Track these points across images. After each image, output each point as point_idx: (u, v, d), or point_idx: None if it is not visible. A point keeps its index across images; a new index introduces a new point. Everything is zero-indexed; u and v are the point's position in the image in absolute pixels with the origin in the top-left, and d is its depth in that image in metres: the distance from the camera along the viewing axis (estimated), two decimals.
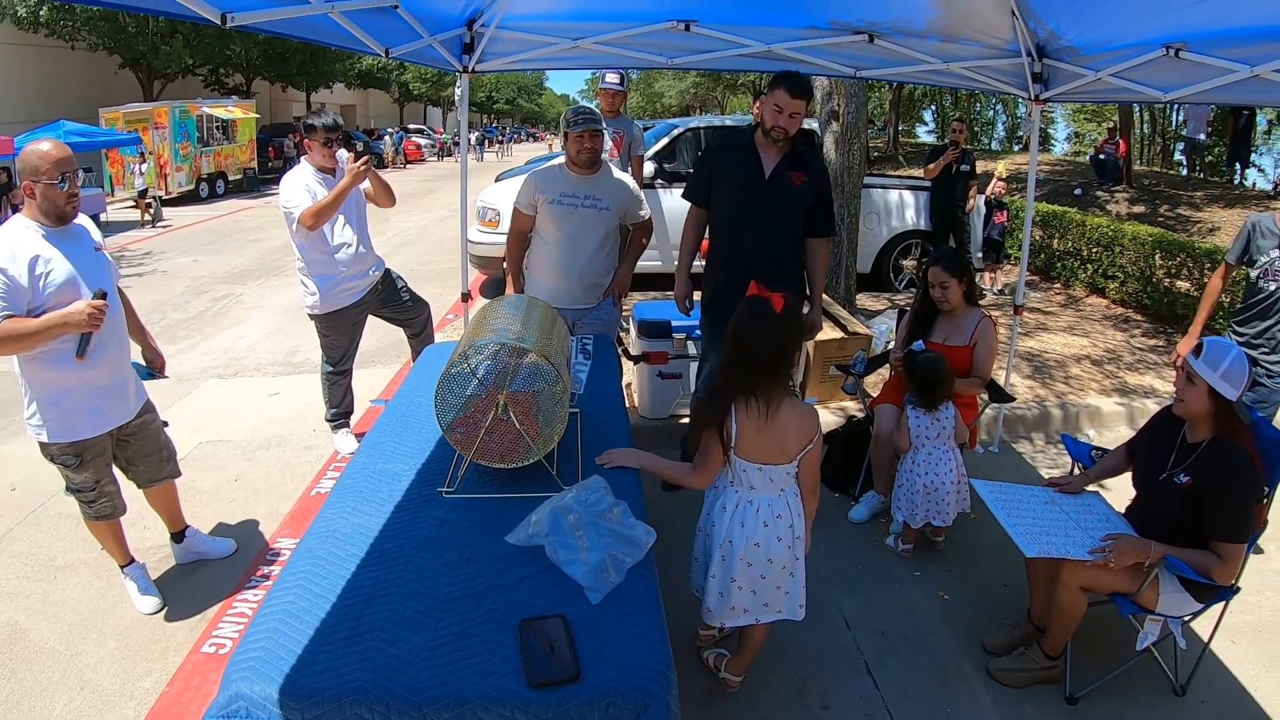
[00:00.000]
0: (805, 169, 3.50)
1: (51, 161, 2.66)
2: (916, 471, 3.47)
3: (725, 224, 3.62)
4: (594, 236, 3.89)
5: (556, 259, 3.91)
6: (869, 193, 8.01)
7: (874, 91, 25.01)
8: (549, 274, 3.95)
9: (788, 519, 2.41)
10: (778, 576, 2.44)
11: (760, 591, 2.44)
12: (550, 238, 3.91)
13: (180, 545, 3.54)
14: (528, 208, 3.91)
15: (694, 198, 3.74)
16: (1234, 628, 3.16)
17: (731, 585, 2.42)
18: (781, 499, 2.41)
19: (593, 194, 3.83)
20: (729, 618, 2.48)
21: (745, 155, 3.51)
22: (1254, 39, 2.96)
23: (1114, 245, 8.29)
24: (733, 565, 2.41)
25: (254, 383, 5.94)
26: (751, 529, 2.38)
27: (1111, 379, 5.95)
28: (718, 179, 3.59)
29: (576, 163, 3.81)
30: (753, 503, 2.38)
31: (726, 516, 2.41)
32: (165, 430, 3.35)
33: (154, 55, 21.82)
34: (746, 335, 2.31)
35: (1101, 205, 12.38)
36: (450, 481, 2.37)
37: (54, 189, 2.67)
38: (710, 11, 3.98)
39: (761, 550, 2.39)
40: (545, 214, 3.86)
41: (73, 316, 2.67)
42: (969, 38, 4.06)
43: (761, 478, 2.36)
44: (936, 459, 3.45)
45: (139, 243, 12.86)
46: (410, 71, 41.48)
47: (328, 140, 4.06)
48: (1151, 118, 25.79)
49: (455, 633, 1.73)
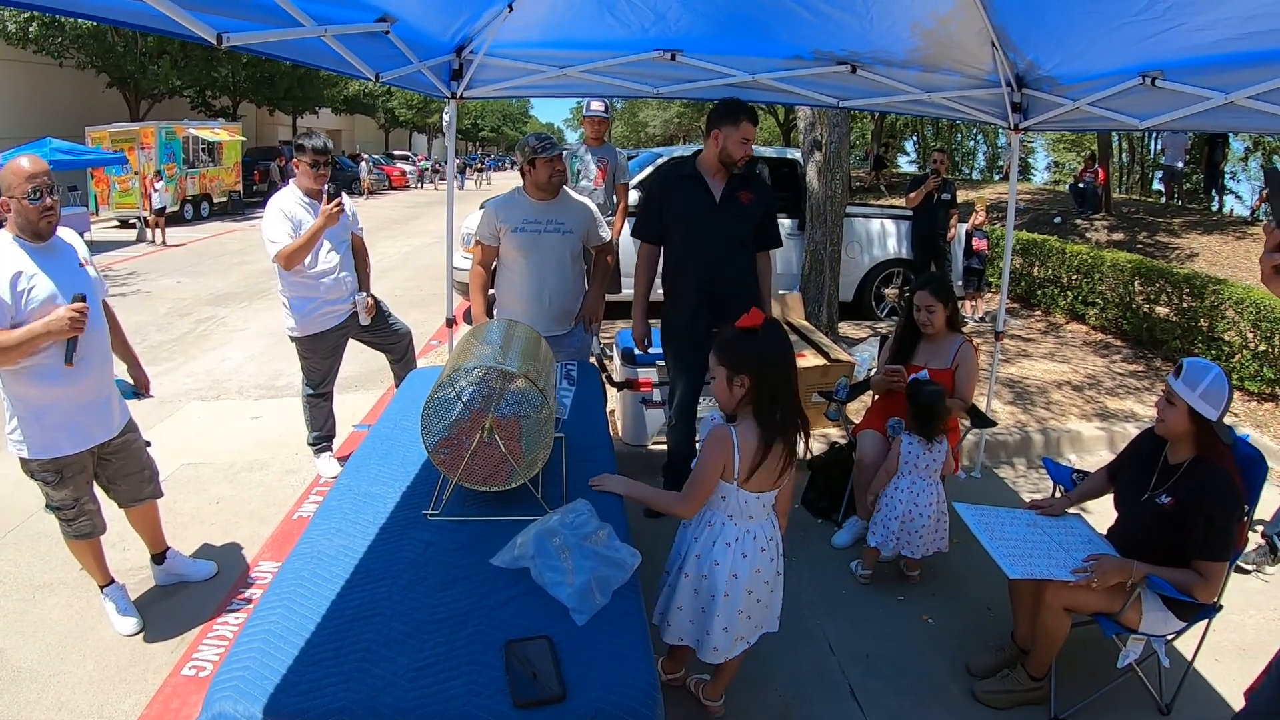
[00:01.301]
0: (751, 188, 3.61)
1: (24, 176, 2.66)
2: (898, 498, 3.47)
3: (683, 252, 3.68)
4: (560, 261, 3.90)
5: (524, 287, 3.90)
6: (851, 222, 8.10)
7: (856, 122, 25.34)
8: (518, 303, 3.93)
9: (775, 539, 2.44)
10: (767, 596, 2.45)
11: (754, 615, 2.44)
12: (516, 266, 3.90)
13: (161, 567, 3.50)
14: (490, 239, 3.89)
15: (644, 235, 3.79)
16: (1218, 646, 3.18)
17: (737, 617, 2.39)
18: (770, 522, 2.43)
19: (554, 218, 3.85)
20: (733, 650, 2.44)
21: (693, 183, 3.60)
22: (1227, 67, 3.05)
23: (1094, 272, 8.42)
24: (738, 598, 2.37)
25: (236, 405, 5.90)
26: (753, 558, 2.37)
27: (1092, 404, 6.01)
28: (668, 211, 3.67)
29: (546, 188, 3.82)
30: (750, 532, 2.37)
31: (730, 551, 2.36)
32: (148, 451, 3.33)
33: (141, 75, 21.83)
34: (783, 361, 2.31)
35: (1081, 233, 12.57)
36: (435, 504, 2.37)
37: (26, 204, 2.67)
38: (696, 42, 4.05)
39: (760, 575, 2.39)
40: (509, 243, 3.84)
41: (53, 324, 2.66)
42: (950, 68, 4.14)
43: (759, 505, 2.36)
44: (919, 490, 3.45)
45: (123, 263, 12.79)
46: (396, 98, 41.62)
47: (315, 163, 4.07)
48: (1130, 146, 26.28)
49: (441, 654, 1.73)
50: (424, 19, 3.53)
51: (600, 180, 5.96)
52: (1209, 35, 2.93)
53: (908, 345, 3.83)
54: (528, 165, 3.78)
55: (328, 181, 4.17)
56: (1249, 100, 3.04)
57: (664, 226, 3.71)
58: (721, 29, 3.92)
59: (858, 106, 4.65)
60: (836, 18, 3.71)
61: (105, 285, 3.14)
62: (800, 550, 3.88)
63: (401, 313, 4.81)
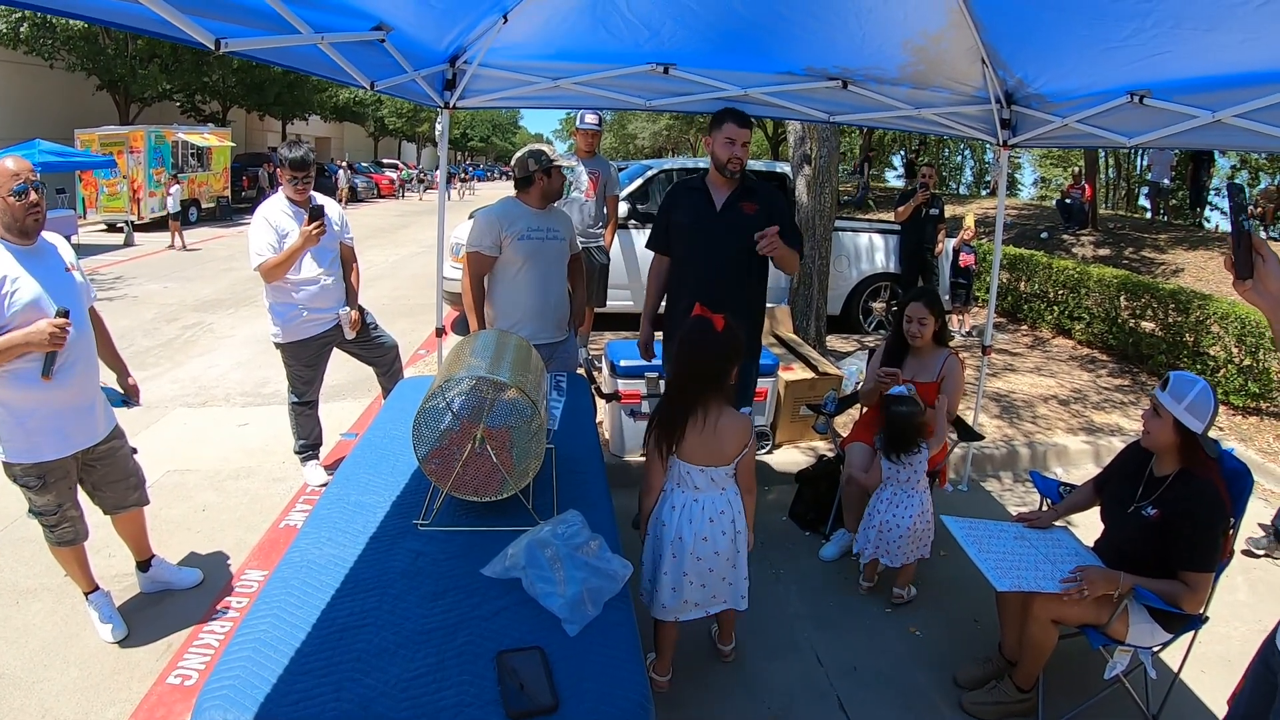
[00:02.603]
0: (755, 198, 3.60)
1: (8, 174, 2.65)
2: (878, 507, 3.50)
3: (683, 261, 3.70)
4: (559, 268, 3.94)
5: (529, 295, 3.86)
6: (839, 236, 8.14)
7: (845, 136, 25.51)
8: (522, 312, 3.88)
9: (729, 514, 2.67)
10: (723, 569, 2.69)
11: (709, 585, 2.69)
12: (520, 274, 3.84)
13: (146, 574, 3.48)
14: (491, 249, 3.78)
15: (656, 246, 3.82)
16: (1204, 658, 3.21)
17: (684, 580, 2.66)
18: (723, 497, 2.67)
19: (552, 226, 3.87)
20: (682, 611, 2.71)
21: (697, 194, 3.63)
22: (1216, 87, 3.09)
23: (1080, 287, 8.48)
24: (684, 560, 2.64)
25: (223, 412, 5.87)
26: (699, 525, 2.63)
27: (1078, 418, 6.06)
28: (673, 224, 3.70)
29: (553, 197, 3.86)
30: (698, 501, 2.64)
31: (675, 515, 2.65)
32: (135, 457, 3.31)
33: (131, 78, 21.71)
34: (693, 353, 2.59)
35: (1067, 248, 12.68)
36: (425, 514, 2.37)
37: (12, 200, 2.66)
38: (688, 56, 4.08)
39: (709, 544, 2.64)
40: (514, 251, 3.79)
41: (34, 336, 2.65)
42: (940, 85, 4.18)
43: (704, 478, 2.62)
44: (900, 500, 3.46)
45: (109, 267, 12.71)
46: (387, 106, 41.53)
47: (294, 179, 4.14)
48: (1116, 162, 26.52)
49: (432, 664, 1.72)
50: (419, 28, 3.54)
51: (591, 192, 5.99)
52: (1196, 63, 2.98)
53: (896, 357, 3.85)
54: (542, 174, 3.76)
55: (311, 190, 4.24)
56: (1236, 118, 3.06)
57: (670, 237, 3.73)
58: (714, 44, 3.95)
59: (849, 122, 4.68)
60: (829, 35, 3.75)
61: (93, 290, 3.13)
62: (788, 563, 3.90)
63: (390, 322, 4.81)
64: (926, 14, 3.50)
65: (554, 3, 3.60)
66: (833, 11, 3.52)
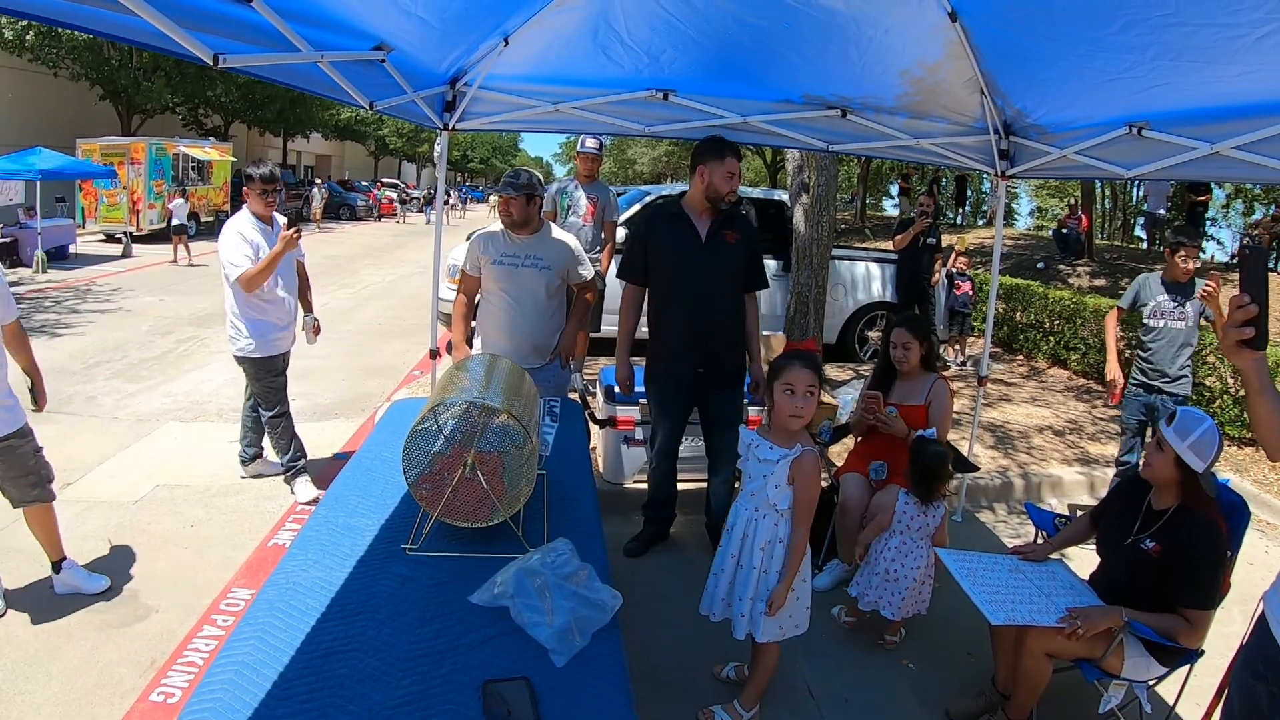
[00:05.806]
0: (736, 227, 3.64)
1: None
2: (884, 554, 3.38)
3: (669, 292, 3.70)
4: (536, 296, 3.90)
5: (500, 318, 3.93)
6: (836, 265, 8.16)
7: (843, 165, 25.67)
8: (496, 334, 3.96)
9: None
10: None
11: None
12: (495, 298, 3.93)
13: (58, 576, 3.53)
14: (473, 269, 3.94)
15: (629, 276, 3.82)
16: (1199, 691, 3.15)
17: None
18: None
19: (533, 253, 3.87)
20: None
21: (678, 223, 3.64)
22: (1214, 118, 3.11)
23: (1076, 317, 8.51)
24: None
25: (215, 428, 5.83)
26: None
27: (1073, 449, 6.05)
28: (653, 252, 3.70)
29: (515, 222, 3.84)
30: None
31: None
32: (41, 455, 3.40)
33: (135, 90, 21.78)
34: None
35: (1064, 278, 12.71)
36: (414, 539, 2.34)
37: None
38: (688, 82, 4.10)
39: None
40: (489, 274, 3.89)
41: None
42: (938, 114, 4.21)
43: None
44: (907, 550, 3.35)
45: (107, 278, 12.69)
46: (388, 126, 41.69)
47: (264, 191, 4.31)
48: (1113, 193, 26.69)
49: (417, 692, 1.69)
50: (419, 49, 3.55)
51: (590, 216, 5.99)
52: (1195, 94, 3.00)
53: (884, 383, 3.85)
54: (503, 199, 3.86)
55: (277, 207, 4.46)
56: (1235, 150, 3.07)
57: (648, 266, 3.73)
58: (714, 71, 3.97)
59: (847, 151, 4.69)
60: (827, 63, 3.76)
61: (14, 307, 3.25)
62: None
63: (384, 342, 4.83)
64: (924, 45, 3.52)
65: (555, 27, 3.61)
66: (831, 40, 3.54)
